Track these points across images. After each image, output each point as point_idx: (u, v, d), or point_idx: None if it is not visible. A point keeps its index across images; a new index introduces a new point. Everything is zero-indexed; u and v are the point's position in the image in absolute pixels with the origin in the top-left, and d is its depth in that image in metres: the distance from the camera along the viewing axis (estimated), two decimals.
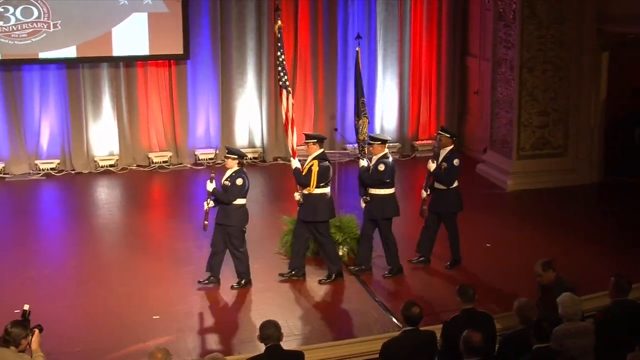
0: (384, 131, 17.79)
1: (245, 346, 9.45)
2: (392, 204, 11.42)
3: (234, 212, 10.81)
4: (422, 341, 7.58)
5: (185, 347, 9.44)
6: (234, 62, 17.01)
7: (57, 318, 10.08)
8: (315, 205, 11.09)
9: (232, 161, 10.90)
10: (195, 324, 10.14)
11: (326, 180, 11.13)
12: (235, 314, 10.41)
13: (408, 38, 17.65)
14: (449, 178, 11.49)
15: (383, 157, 11.27)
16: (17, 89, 16.16)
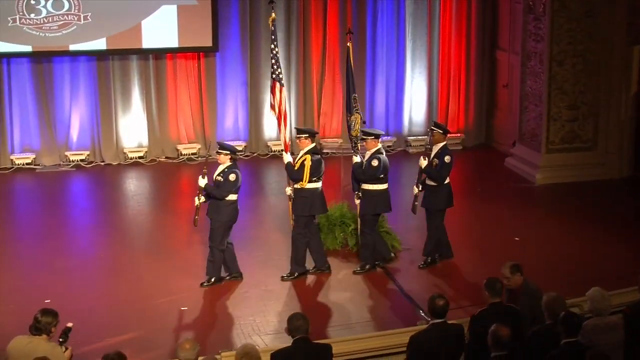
0: (412, 124, 17.77)
1: (271, 338, 9.48)
2: (384, 200, 11.29)
3: (225, 208, 10.69)
4: (450, 334, 7.57)
5: (213, 339, 9.48)
6: (263, 54, 17.02)
7: (86, 308, 10.18)
8: (308, 200, 10.99)
9: (225, 157, 10.78)
10: (223, 315, 10.18)
11: (318, 174, 11.02)
12: (262, 306, 10.42)
13: (437, 31, 17.59)
14: (440, 175, 11.28)
15: (376, 152, 11.16)
16: (47, 81, 16.29)
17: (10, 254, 12.08)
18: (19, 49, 15.84)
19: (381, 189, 11.24)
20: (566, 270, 11.25)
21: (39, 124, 16.33)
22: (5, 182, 15.64)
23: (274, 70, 11.70)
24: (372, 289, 10.88)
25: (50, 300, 9.97)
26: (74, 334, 8.95)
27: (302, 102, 17.29)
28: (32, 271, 11.34)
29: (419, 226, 13.15)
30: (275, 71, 11.67)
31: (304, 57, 17.19)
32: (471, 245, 12.38)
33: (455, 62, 17.77)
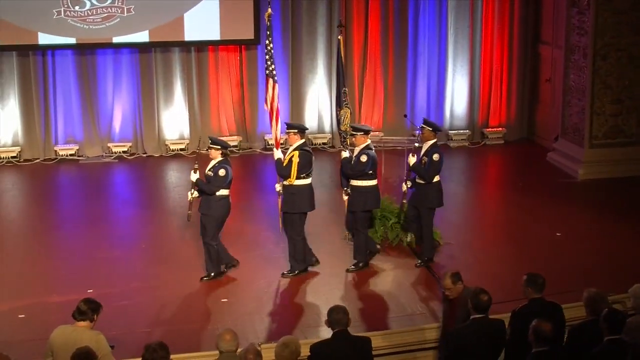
0: (453, 118, 17.70)
1: (310, 331, 9.48)
2: (373, 196, 11.11)
3: (216, 203, 10.61)
4: (491, 329, 7.54)
5: (253, 330, 9.51)
6: (304, 47, 17.05)
7: (127, 299, 10.27)
8: (296, 197, 10.84)
9: (216, 152, 10.69)
10: (262, 307, 10.20)
11: (307, 171, 10.85)
12: (301, 299, 10.45)
13: (479, 24, 17.49)
14: (428, 173, 11.09)
15: (366, 148, 10.95)
16: (91, 73, 16.44)
17: (53, 244, 12.22)
18: (64, 41, 16.00)
19: (370, 185, 11.03)
20: (608, 266, 11.15)
21: (82, 115, 16.49)
22: (49, 173, 15.82)
23: (268, 66, 11.52)
24: (410, 283, 10.85)
25: (92, 290, 10.09)
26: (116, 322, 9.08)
27: None
28: (75, 261, 11.45)
29: (460, 221, 13.15)
30: (269, 67, 11.51)
31: (345, 51, 17.15)
32: (512, 240, 12.31)
33: (498, 56, 17.67)
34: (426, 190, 11.19)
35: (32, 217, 13.56)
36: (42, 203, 14.25)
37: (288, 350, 6.60)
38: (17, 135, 16.37)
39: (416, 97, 17.54)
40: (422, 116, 17.39)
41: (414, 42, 17.37)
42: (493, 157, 17.25)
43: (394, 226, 11.92)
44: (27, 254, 11.83)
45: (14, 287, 10.56)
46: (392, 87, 17.43)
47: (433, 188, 11.20)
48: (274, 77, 11.48)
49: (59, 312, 8.35)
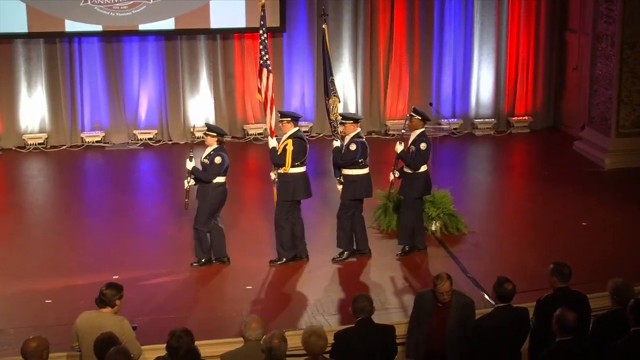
0: (479, 106, 17.64)
1: (334, 318, 9.51)
2: (364, 185, 10.99)
3: (212, 191, 10.61)
4: (515, 318, 7.54)
5: (278, 318, 9.53)
6: (330, 35, 16.99)
7: (152, 285, 10.33)
8: (290, 185, 10.80)
9: (212, 139, 10.65)
10: (287, 295, 10.23)
11: (302, 159, 10.80)
12: (325, 286, 10.46)
13: (506, 12, 17.40)
14: (414, 162, 10.91)
15: (355, 136, 10.85)
16: (117, 60, 16.52)
17: (79, 230, 12.31)
18: (90, 28, 16.07)
19: (361, 174, 10.93)
20: (634, 256, 11.08)
21: (108, 102, 16.58)
22: (76, 159, 15.92)
23: (262, 56, 11.44)
24: (435, 271, 10.78)
25: (118, 277, 10.15)
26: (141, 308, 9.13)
27: (368, 83, 17.26)
28: (101, 247, 11.52)
29: (485, 210, 13.12)
30: (263, 57, 11.43)
31: (371, 38, 17.14)
32: (537, 229, 12.26)
33: (524, 44, 17.57)
34: (413, 180, 11.02)
35: (58, 203, 13.67)
36: (68, 189, 14.35)
37: (315, 337, 6.61)
38: (44, 122, 16.48)
39: (442, 86, 17.48)
40: (447, 105, 17.44)
41: (440, 30, 17.30)
42: (519, 145, 17.17)
43: None
44: (53, 240, 11.93)
45: (40, 273, 10.64)
46: (418, 76, 17.38)
47: (420, 177, 11.01)
48: (268, 67, 11.38)
49: (85, 298, 8.40)
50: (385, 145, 16.40)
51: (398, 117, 17.31)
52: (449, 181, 12.97)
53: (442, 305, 7.70)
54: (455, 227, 11.90)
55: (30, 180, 14.93)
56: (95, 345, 6.67)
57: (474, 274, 10.66)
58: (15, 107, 16.36)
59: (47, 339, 6.61)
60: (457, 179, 14.10)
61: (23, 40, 16.13)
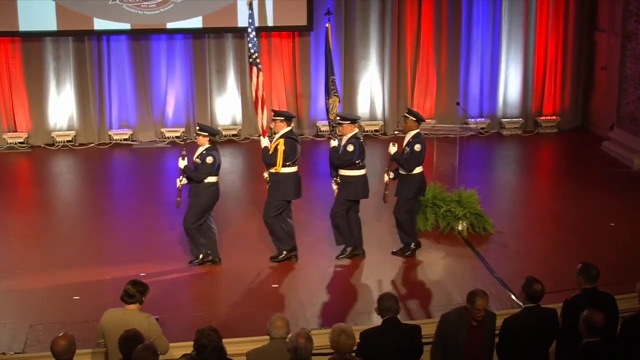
0: (506, 106, 17.57)
1: (360, 317, 9.49)
2: (361, 186, 10.90)
3: (204, 191, 10.58)
4: (543, 319, 7.49)
5: (303, 316, 9.54)
6: (357, 34, 17.03)
7: (179, 282, 10.37)
8: (282, 184, 10.76)
9: (204, 139, 10.63)
10: (313, 294, 10.23)
11: (293, 159, 10.74)
12: (351, 286, 10.45)
13: (534, 11, 17.32)
14: (409, 163, 10.82)
15: (353, 137, 10.76)
16: (145, 58, 16.60)
17: (107, 227, 12.37)
18: (118, 26, 16.16)
19: (358, 175, 10.84)
20: None
21: (136, 100, 16.67)
22: (104, 157, 16.02)
23: (251, 54, 11.39)
24: (461, 271, 10.81)
25: (144, 274, 10.21)
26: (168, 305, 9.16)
27: (395, 83, 17.23)
28: (128, 244, 11.58)
29: (513, 210, 13.06)
30: (252, 55, 11.39)
31: (398, 38, 17.11)
32: (565, 229, 12.20)
33: (552, 43, 17.48)
34: (407, 181, 10.93)
35: (86, 200, 13.76)
36: (96, 187, 14.43)
37: (344, 336, 6.60)
38: (73, 120, 16.60)
39: (469, 85, 17.43)
40: (475, 104, 17.39)
41: (468, 30, 17.25)
42: (546, 145, 17.09)
43: (445, 214, 11.86)
44: (81, 237, 12.02)
45: (68, 270, 10.71)
46: (445, 75, 17.34)
47: (414, 179, 10.91)
48: (258, 66, 11.37)
49: (112, 294, 8.44)
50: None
51: (425, 116, 17.22)
52: (475, 181, 12.94)
53: (477, 324, 7.29)
54: (482, 227, 11.86)
55: (58, 177, 15.04)
56: (120, 342, 6.69)
57: (501, 274, 10.62)
58: (44, 104, 16.49)
59: (74, 336, 6.65)
60: (484, 179, 14.06)
61: (52, 38, 16.26)
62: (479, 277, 10.61)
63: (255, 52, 11.42)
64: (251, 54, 11.46)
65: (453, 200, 11.79)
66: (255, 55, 11.41)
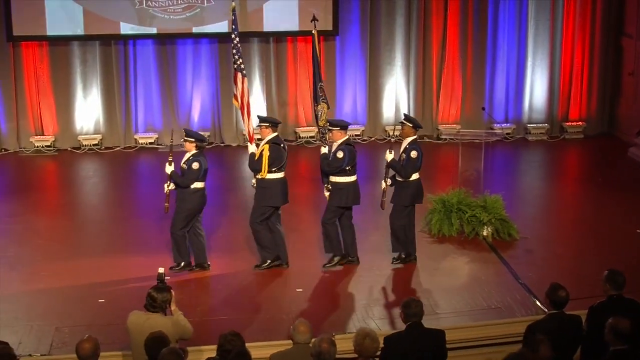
0: (532, 111, 17.51)
1: (384, 322, 9.50)
2: (352, 192, 10.82)
3: (190, 196, 10.56)
4: (567, 325, 7.45)
5: (326, 321, 9.55)
6: (382, 39, 17.02)
7: (203, 286, 10.40)
8: (267, 191, 10.72)
9: (190, 144, 10.61)
10: (336, 298, 10.24)
11: (278, 165, 10.71)
12: (374, 290, 10.44)
13: (560, 16, 17.24)
14: (405, 170, 10.73)
15: (343, 143, 10.71)
16: (170, 62, 16.68)
17: (132, 231, 12.43)
18: (145, 31, 16.26)
19: (348, 181, 10.77)
20: None
21: (162, 104, 16.75)
22: (129, 160, 16.10)
23: (235, 60, 11.33)
24: (486, 277, 10.77)
25: (170, 277, 10.24)
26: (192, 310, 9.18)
27: (420, 88, 17.21)
28: (153, 247, 11.60)
29: (538, 215, 13.01)
30: (237, 61, 11.31)
31: (424, 42, 17.09)
32: (590, 235, 12.13)
33: (579, 48, 17.39)
34: (403, 188, 10.85)
35: (112, 203, 13.83)
36: (122, 190, 14.51)
37: (369, 340, 6.60)
38: (99, 123, 16.70)
39: (495, 90, 17.38)
40: (500, 109, 17.33)
41: (494, 34, 17.21)
42: (572, 151, 17.01)
43: (470, 219, 11.83)
44: (106, 240, 12.08)
45: (94, 273, 10.78)
46: (471, 80, 17.29)
47: (410, 186, 10.83)
48: (243, 71, 11.28)
49: (137, 297, 8.47)
50: (437, 149, 16.38)
51: (450, 121, 17.25)
52: (501, 186, 12.90)
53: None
54: (507, 233, 11.82)
55: (85, 181, 15.14)
56: (146, 345, 6.71)
57: (526, 280, 10.58)
58: (71, 108, 16.60)
59: (97, 339, 6.69)
60: (510, 184, 14.02)
61: (79, 42, 16.37)
62: (504, 283, 10.58)
63: (240, 58, 11.32)
64: (235, 59, 11.35)
65: (478, 206, 11.76)
66: (240, 61, 11.31)
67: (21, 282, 10.52)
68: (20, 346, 8.64)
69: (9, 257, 11.28)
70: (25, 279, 10.59)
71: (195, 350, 7.75)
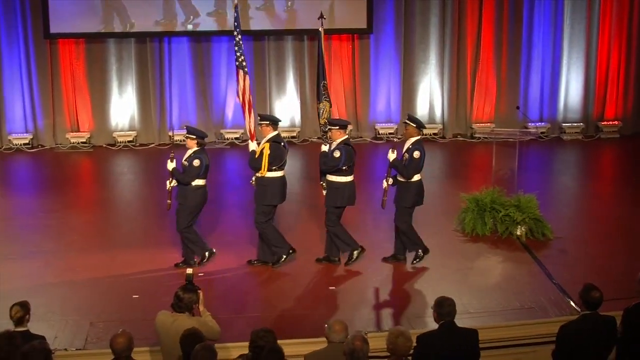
0: (567, 110, 17.41)
1: (417, 321, 9.46)
2: (346, 193, 10.75)
3: (192, 193, 10.56)
4: (601, 326, 7.40)
5: (359, 319, 9.54)
6: (417, 37, 17.00)
7: (236, 283, 10.43)
8: (267, 189, 10.69)
9: (192, 141, 10.60)
10: (370, 297, 10.22)
11: (279, 163, 10.69)
12: (408, 289, 10.43)
13: (597, 15, 17.14)
14: (407, 170, 10.64)
15: (342, 143, 10.62)
16: (205, 60, 16.76)
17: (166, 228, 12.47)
18: (180, 28, 16.36)
19: (345, 181, 10.71)
20: None
21: (196, 101, 16.84)
22: (164, 157, 16.01)
23: (237, 57, 11.29)
24: (520, 276, 10.72)
25: (203, 274, 10.30)
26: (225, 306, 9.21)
27: (455, 86, 17.18)
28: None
29: (572, 215, 12.93)
30: (239, 58, 11.28)
31: (458, 41, 17.06)
32: (625, 235, 12.04)
33: (615, 47, 17.28)
34: (405, 189, 10.78)
35: (146, 199, 13.91)
36: (157, 186, 14.55)
37: (403, 338, 6.59)
38: (134, 120, 16.83)
39: (529, 89, 17.31)
40: (535, 108, 17.24)
41: (529, 33, 17.14)
42: (607, 151, 16.90)
43: (503, 219, 11.78)
44: (141, 236, 12.15)
45: (128, 268, 10.85)
46: (505, 79, 17.23)
47: (412, 186, 10.75)
48: (244, 69, 11.25)
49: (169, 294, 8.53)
50: (471, 148, 16.33)
51: (485, 120, 17.19)
52: (535, 186, 12.83)
53: None
54: (541, 233, 11.75)
55: (119, 177, 15.25)
56: (180, 341, 6.75)
57: (560, 280, 10.51)
58: (106, 105, 16.75)
59: (131, 333, 6.73)
60: (544, 184, 13.94)
61: (115, 39, 16.50)
62: (537, 283, 10.52)
63: (242, 55, 11.31)
64: (237, 57, 11.34)
65: (512, 205, 11.71)
66: (242, 58, 11.30)
67: (56, 276, 10.61)
68: (55, 340, 8.71)
69: (45, 252, 11.39)
70: (60, 274, 10.69)
71: (222, 348, 7.76)
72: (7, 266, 10.83)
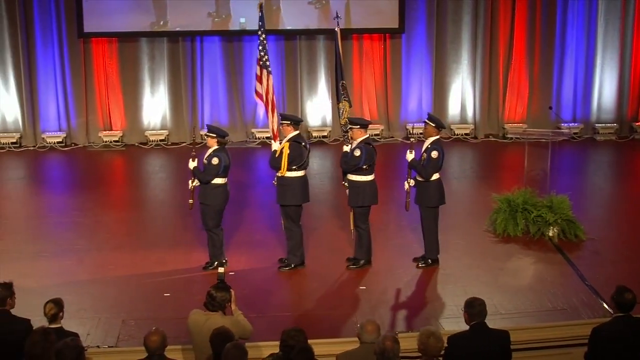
0: (600, 111, 17.30)
1: (448, 322, 9.43)
2: (368, 192, 10.69)
3: (212, 192, 10.53)
4: (634, 328, 7.34)
5: (389, 319, 9.53)
6: (449, 37, 16.95)
7: (266, 282, 10.45)
8: (287, 189, 10.63)
9: (212, 140, 10.61)
10: (399, 296, 10.19)
11: (299, 163, 10.61)
12: (439, 290, 10.40)
13: (632, 14, 17.01)
14: (425, 170, 10.58)
15: (362, 142, 10.57)
16: (237, 59, 16.81)
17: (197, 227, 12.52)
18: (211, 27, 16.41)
19: (366, 180, 10.66)
20: None
21: (227, 101, 16.90)
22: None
23: (261, 57, 11.24)
24: (552, 278, 10.65)
25: (234, 273, 10.33)
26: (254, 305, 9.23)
27: (487, 86, 17.11)
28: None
29: (605, 217, 12.83)
30: (262, 58, 11.24)
31: (491, 40, 16.99)
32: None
33: None
34: (425, 189, 10.73)
35: (177, 199, 13.93)
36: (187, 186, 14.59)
37: (434, 339, 6.58)
38: (166, 119, 16.92)
39: (562, 89, 17.22)
40: (568, 109, 17.14)
41: (562, 32, 17.04)
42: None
43: (535, 219, 11.72)
44: (173, 234, 12.20)
45: (160, 267, 10.90)
46: (538, 79, 17.15)
47: (432, 186, 10.68)
48: (268, 68, 11.22)
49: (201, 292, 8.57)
50: (503, 148, 16.26)
51: (517, 120, 17.11)
52: (567, 186, 12.75)
53: None
54: (574, 234, 11.68)
55: (151, 176, 15.34)
56: (211, 340, 6.77)
57: (593, 282, 10.43)
58: (138, 104, 16.85)
59: (164, 331, 6.77)
60: (577, 185, 13.86)
61: (147, 38, 16.59)
62: (570, 285, 10.45)
63: (266, 55, 11.30)
64: (261, 56, 11.32)
65: (544, 206, 11.64)
66: (265, 57, 11.29)
67: (89, 274, 10.69)
68: (88, 337, 8.77)
69: (78, 250, 11.48)
70: (93, 271, 10.77)
71: (253, 347, 7.78)
72: (40, 264, 10.94)
